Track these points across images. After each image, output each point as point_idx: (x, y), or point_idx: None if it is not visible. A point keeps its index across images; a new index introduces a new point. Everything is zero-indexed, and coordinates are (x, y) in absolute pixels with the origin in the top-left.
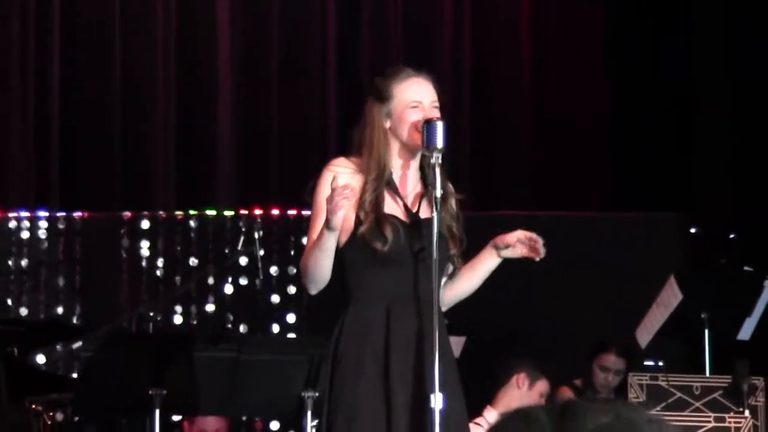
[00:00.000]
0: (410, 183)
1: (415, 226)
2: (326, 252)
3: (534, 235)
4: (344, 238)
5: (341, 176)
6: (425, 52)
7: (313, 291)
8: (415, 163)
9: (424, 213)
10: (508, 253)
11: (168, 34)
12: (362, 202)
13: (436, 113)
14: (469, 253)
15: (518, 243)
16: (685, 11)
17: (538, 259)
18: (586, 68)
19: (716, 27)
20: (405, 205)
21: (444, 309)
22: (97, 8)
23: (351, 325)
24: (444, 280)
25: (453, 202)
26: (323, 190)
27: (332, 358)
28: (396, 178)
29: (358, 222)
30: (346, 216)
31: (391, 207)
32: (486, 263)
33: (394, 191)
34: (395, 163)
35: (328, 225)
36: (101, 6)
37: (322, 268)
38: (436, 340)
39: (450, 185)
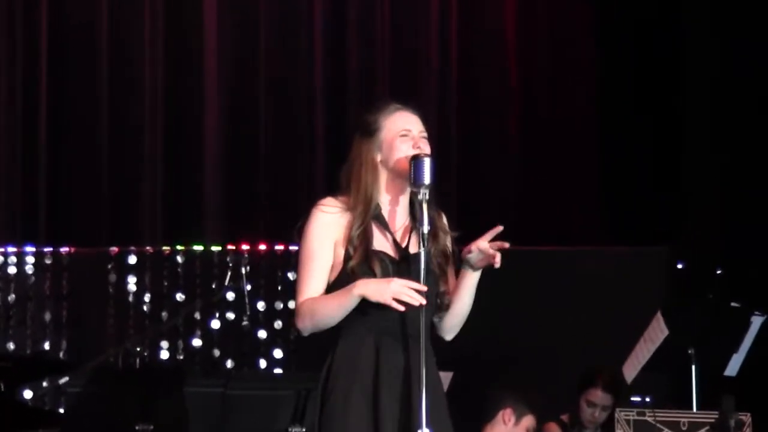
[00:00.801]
0: (400, 218)
1: (404, 261)
2: (345, 311)
3: (487, 247)
4: (334, 274)
5: (329, 216)
6: (411, 64)
7: (307, 333)
8: (404, 198)
9: (413, 248)
10: (474, 259)
11: (156, 65)
12: (350, 237)
13: (426, 143)
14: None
15: (478, 251)
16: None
17: (496, 266)
18: (573, 99)
19: (707, 51)
20: (394, 240)
21: (449, 338)
22: (85, 47)
23: (340, 360)
24: (437, 319)
25: (448, 240)
26: (313, 231)
27: (321, 394)
28: (385, 212)
29: (347, 257)
30: (335, 252)
31: (380, 242)
32: (466, 281)
33: (384, 226)
34: (384, 198)
35: (357, 294)
36: (88, 44)
37: (333, 321)
38: (423, 375)
39: (444, 222)
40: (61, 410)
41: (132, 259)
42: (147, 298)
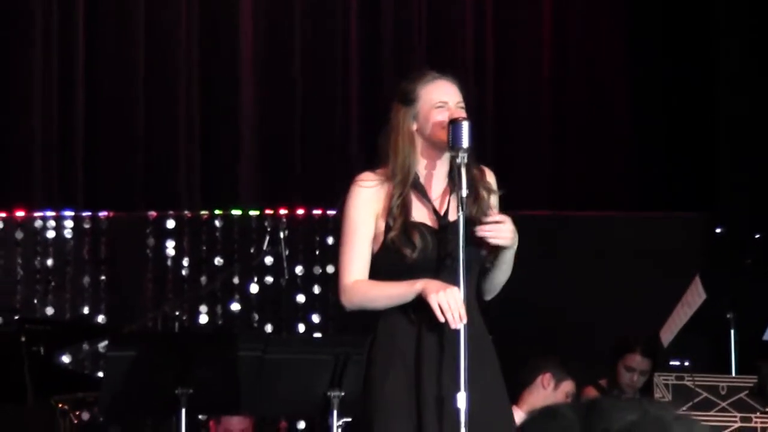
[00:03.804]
0: (439, 185)
1: (443, 230)
2: (403, 302)
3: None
4: (375, 246)
5: (368, 191)
6: (447, 51)
7: (349, 309)
8: (442, 165)
9: (452, 215)
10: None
11: (191, 34)
12: (390, 208)
13: (462, 113)
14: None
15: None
16: (706, 14)
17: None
18: (607, 69)
19: (739, 24)
20: (434, 209)
21: (488, 298)
22: (121, 12)
23: (382, 335)
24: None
25: (494, 199)
26: (353, 207)
27: (366, 366)
28: (423, 180)
29: (388, 229)
30: (376, 224)
31: (420, 211)
32: (499, 257)
33: (422, 194)
34: (422, 166)
35: (419, 290)
36: (125, 10)
37: (386, 307)
38: (462, 339)
39: (489, 179)
40: (100, 374)
41: (170, 224)
42: (185, 262)
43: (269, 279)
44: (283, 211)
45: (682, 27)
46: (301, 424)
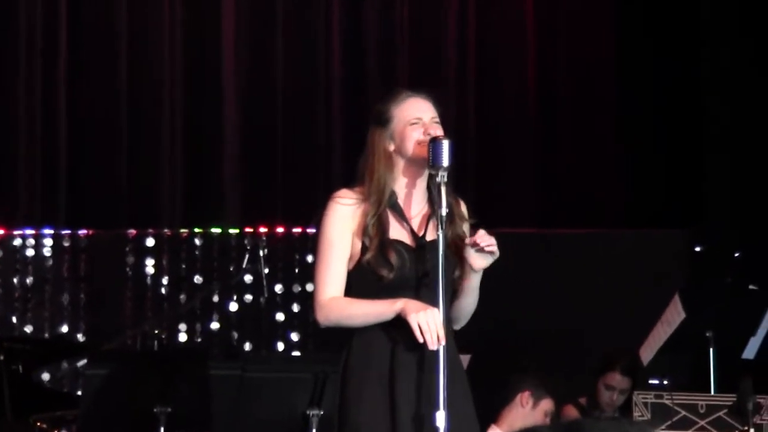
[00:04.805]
0: (417, 205)
1: (421, 250)
2: (380, 321)
3: (481, 244)
4: (351, 265)
5: (345, 208)
6: (430, 64)
7: (324, 326)
8: (421, 185)
9: (430, 235)
10: (476, 260)
11: (174, 53)
12: (365, 227)
13: (438, 128)
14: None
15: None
16: (693, 24)
17: (492, 252)
18: (593, 86)
19: (728, 33)
20: (411, 229)
21: (457, 327)
22: (104, 31)
23: (356, 352)
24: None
25: (465, 227)
26: (330, 223)
27: (340, 387)
28: (402, 201)
29: (364, 249)
30: (353, 242)
31: (397, 231)
32: (468, 282)
33: (400, 215)
34: (400, 186)
35: (398, 309)
36: (107, 25)
37: (363, 325)
38: (441, 359)
39: (462, 209)
40: (79, 392)
41: (150, 242)
42: (165, 280)
43: (248, 297)
44: (263, 230)
45: (670, 40)
46: None
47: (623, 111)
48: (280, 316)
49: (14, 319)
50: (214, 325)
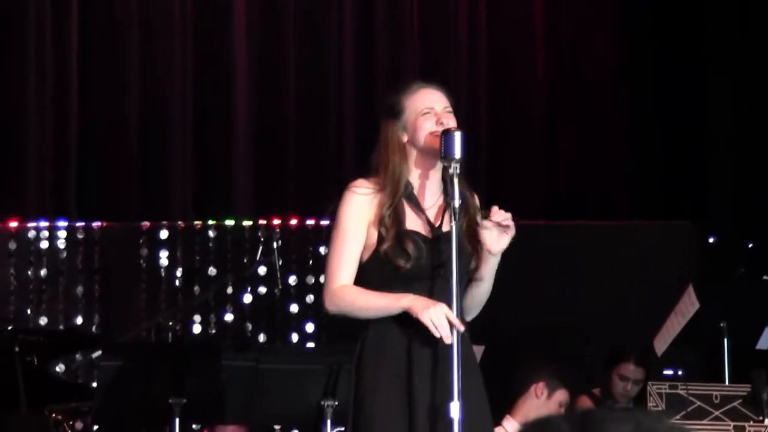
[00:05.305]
0: (432, 196)
1: (437, 240)
2: (387, 314)
3: (496, 219)
4: (366, 255)
5: (361, 198)
6: (441, 58)
7: (333, 313)
8: (435, 175)
9: (446, 226)
10: (493, 243)
11: (185, 45)
12: (382, 217)
13: (450, 117)
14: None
15: (492, 227)
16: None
17: (509, 231)
18: (601, 79)
19: (732, 29)
20: (427, 220)
21: (469, 318)
22: (115, 21)
23: (371, 346)
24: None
25: (479, 218)
26: (346, 213)
27: (355, 375)
28: (417, 191)
29: (380, 239)
30: (368, 233)
31: (413, 221)
32: (485, 266)
33: (416, 205)
34: (415, 177)
35: (405, 306)
36: (119, 19)
37: (370, 317)
38: (455, 352)
39: (476, 201)
40: (94, 384)
41: (164, 234)
42: (179, 272)
43: (262, 289)
44: (276, 221)
45: (675, 34)
46: None
47: (631, 108)
48: (294, 308)
49: (29, 311)
50: (228, 317)
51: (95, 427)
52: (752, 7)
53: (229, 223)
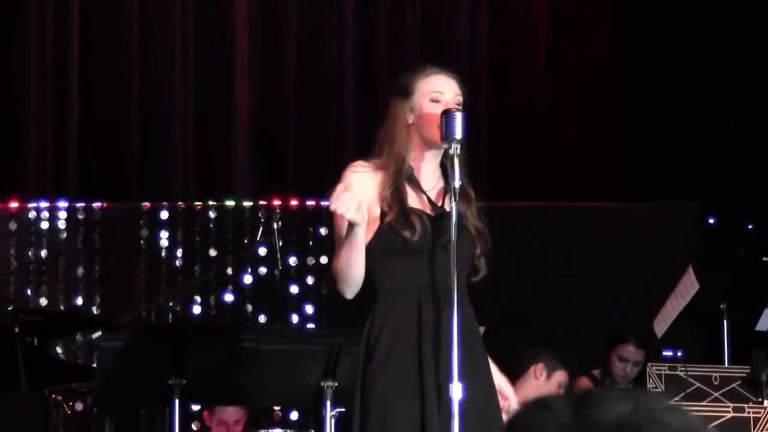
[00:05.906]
0: (431, 180)
1: (440, 218)
2: (357, 246)
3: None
4: (370, 233)
5: (360, 176)
6: (442, 42)
7: (350, 295)
8: (435, 160)
9: (448, 206)
10: None
11: (186, 25)
12: (383, 197)
13: (458, 107)
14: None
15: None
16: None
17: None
18: (602, 60)
19: (730, 30)
20: (429, 199)
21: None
22: (116, 4)
23: (381, 318)
24: (473, 279)
25: (473, 208)
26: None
27: (364, 353)
28: (418, 174)
29: (383, 215)
30: (370, 211)
31: (415, 201)
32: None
33: (417, 186)
34: (417, 159)
35: (350, 224)
36: (119, 2)
37: (356, 264)
38: (454, 328)
39: (472, 193)
40: (94, 365)
41: (164, 215)
42: (179, 253)
43: (263, 270)
44: (276, 202)
45: (674, 19)
46: (294, 415)
47: (631, 88)
48: (294, 289)
49: (29, 292)
50: (229, 298)
51: (95, 408)
52: (753, 6)
53: (230, 203)
